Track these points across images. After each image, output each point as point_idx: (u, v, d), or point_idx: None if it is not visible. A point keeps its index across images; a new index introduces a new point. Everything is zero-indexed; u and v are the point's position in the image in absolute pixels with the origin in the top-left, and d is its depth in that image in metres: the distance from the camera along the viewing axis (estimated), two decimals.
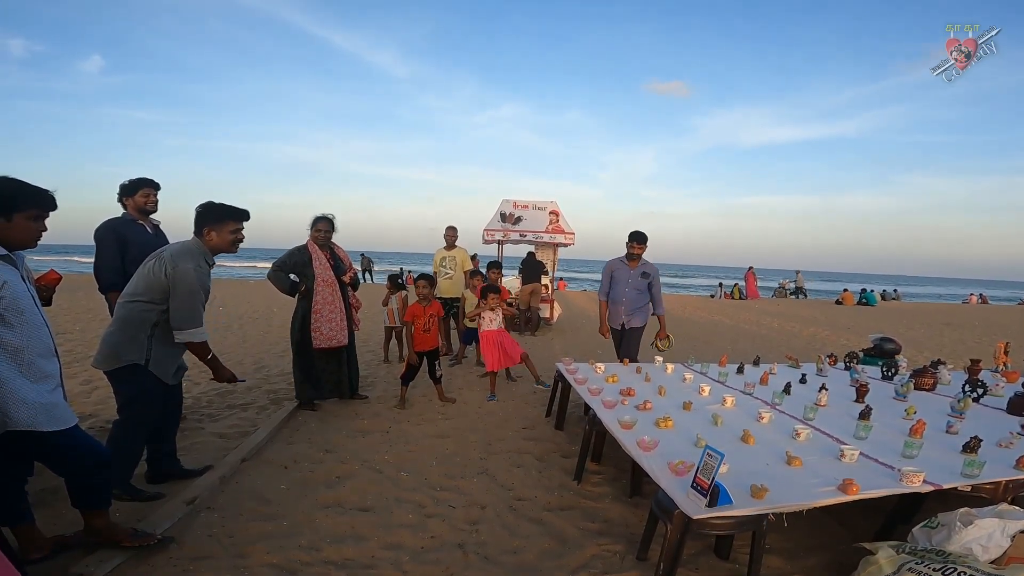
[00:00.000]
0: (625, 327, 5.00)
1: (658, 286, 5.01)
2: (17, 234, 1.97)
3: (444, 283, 6.76)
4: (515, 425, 4.39)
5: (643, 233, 4.89)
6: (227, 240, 2.86)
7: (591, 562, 2.48)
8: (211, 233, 2.82)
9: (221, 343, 7.49)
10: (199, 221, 2.83)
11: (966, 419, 3.11)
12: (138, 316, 2.69)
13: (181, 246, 2.79)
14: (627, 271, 4.95)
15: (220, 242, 2.85)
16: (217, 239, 2.83)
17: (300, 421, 4.29)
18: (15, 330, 1.93)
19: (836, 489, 2.15)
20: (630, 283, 4.92)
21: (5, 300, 1.89)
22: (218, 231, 2.83)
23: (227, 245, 2.87)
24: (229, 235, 2.86)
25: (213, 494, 2.96)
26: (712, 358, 4.78)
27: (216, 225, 2.82)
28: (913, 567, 1.88)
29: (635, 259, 4.92)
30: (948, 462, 2.43)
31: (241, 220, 2.91)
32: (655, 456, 2.48)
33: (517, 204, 10.29)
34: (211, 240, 2.83)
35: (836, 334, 11.31)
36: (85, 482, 2.23)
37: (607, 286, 5.05)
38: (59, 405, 2.07)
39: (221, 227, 2.83)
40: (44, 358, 2.05)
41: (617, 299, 4.98)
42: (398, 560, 2.44)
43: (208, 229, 2.82)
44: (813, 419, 3.08)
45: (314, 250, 4.39)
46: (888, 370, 4.31)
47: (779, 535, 2.60)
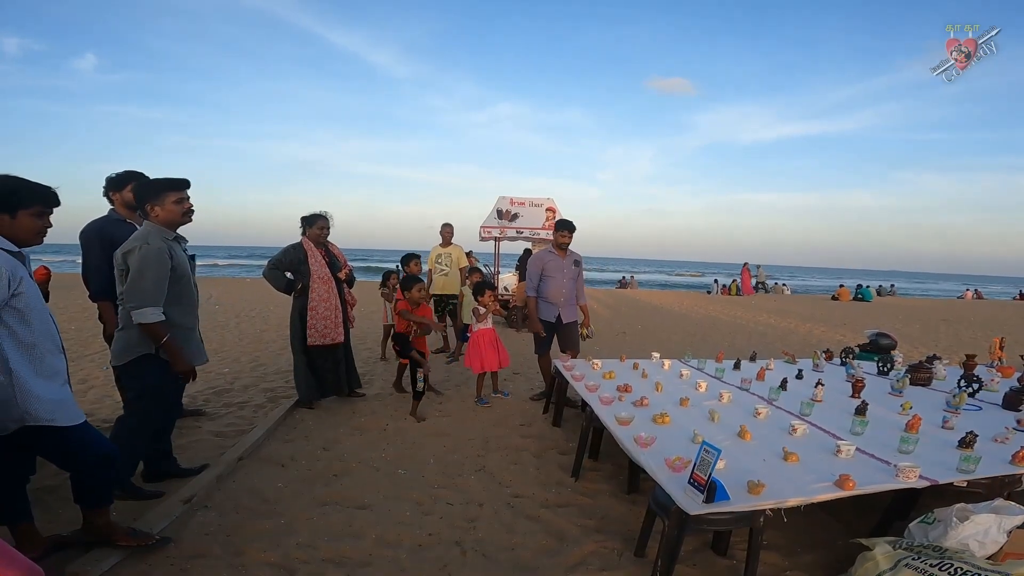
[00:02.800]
0: (561, 320, 4.83)
1: (583, 275, 5.00)
2: (22, 231, 2.02)
3: (440, 280, 6.76)
4: (512, 422, 4.39)
5: (571, 222, 4.87)
6: (174, 212, 2.72)
7: (589, 559, 2.49)
8: (155, 209, 2.70)
9: (218, 341, 7.47)
10: (138, 202, 2.73)
11: (961, 414, 3.12)
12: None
13: (141, 228, 2.73)
14: (559, 261, 4.79)
15: (168, 215, 2.71)
16: (163, 213, 2.71)
17: (297, 419, 4.29)
18: (30, 327, 1.98)
19: (832, 485, 2.15)
20: (564, 273, 4.79)
21: (23, 297, 1.94)
22: (161, 205, 2.70)
23: (177, 217, 2.74)
24: (173, 206, 2.72)
25: (210, 493, 2.95)
26: (709, 354, 4.77)
27: (156, 199, 2.69)
28: (910, 563, 1.88)
29: (564, 249, 4.83)
30: (944, 457, 2.44)
31: (181, 189, 2.76)
32: (652, 452, 2.48)
33: (514, 201, 10.29)
34: (158, 216, 2.71)
35: (832, 330, 11.34)
36: (91, 478, 2.24)
37: (537, 280, 4.79)
38: (70, 400, 2.12)
39: (162, 200, 2.70)
40: (53, 354, 2.09)
41: (554, 292, 4.77)
42: (396, 558, 2.44)
43: (151, 206, 2.70)
44: (809, 415, 3.08)
45: (309, 247, 4.38)
46: (884, 366, 4.32)
47: (776, 531, 2.61)
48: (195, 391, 4.93)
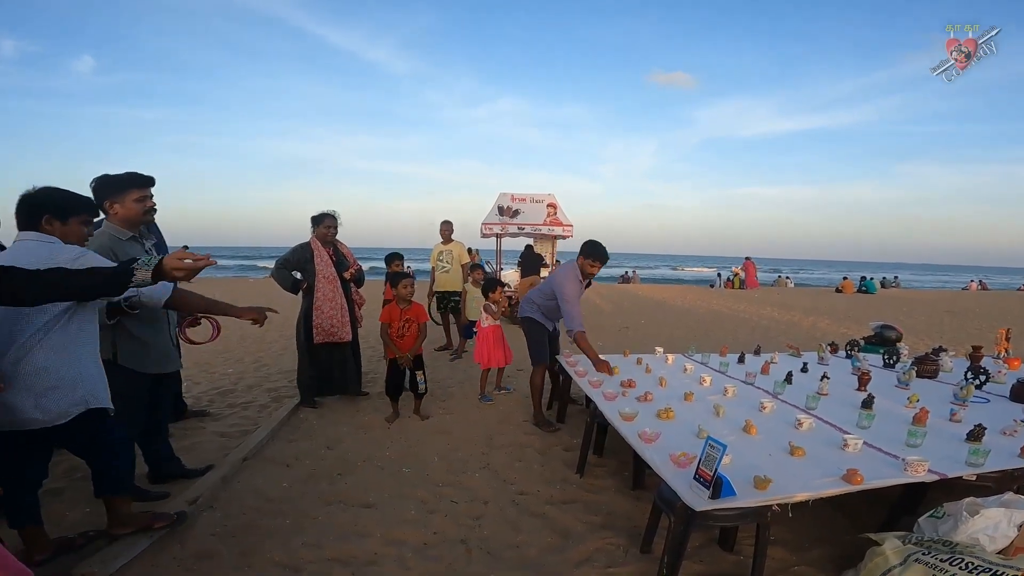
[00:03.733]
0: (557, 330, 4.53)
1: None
2: (71, 236, 2.19)
3: (442, 277, 6.75)
4: (516, 419, 4.38)
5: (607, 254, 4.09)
6: (134, 210, 2.64)
7: (594, 556, 2.48)
8: (114, 206, 2.62)
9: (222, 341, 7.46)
10: (97, 197, 2.61)
11: (969, 407, 3.09)
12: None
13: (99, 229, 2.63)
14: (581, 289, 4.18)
15: (127, 213, 2.63)
16: (123, 211, 2.62)
17: (301, 418, 4.29)
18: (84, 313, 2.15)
19: (840, 479, 2.14)
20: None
21: None
22: (121, 202, 2.62)
23: (136, 215, 2.66)
24: (135, 204, 2.64)
25: (215, 493, 2.95)
26: (713, 348, 4.76)
27: (117, 196, 2.62)
28: (920, 558, 1.87)
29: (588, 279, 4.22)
30: (952, 451, 2.42)
31: (145, 187, 2.68)
32: (657, 448, 2.47)
33: (515, 197, 10.26)
34: (116, 213, 2.63)
35: (836, 323, 11.29)
36: (121, 461, 2.34)
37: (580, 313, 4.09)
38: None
39: (123, 197, 2.62)
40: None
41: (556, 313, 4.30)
42: (401, 556, 2.44)
43: (110, 202, 2.62)
44: (815, 408, 3.06)
45: (316, 246, 4.39)
46: (890, 358, 4.30)
47: (784, 527, 2.59)
48: (199, 392, 4.94)
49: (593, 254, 4.03)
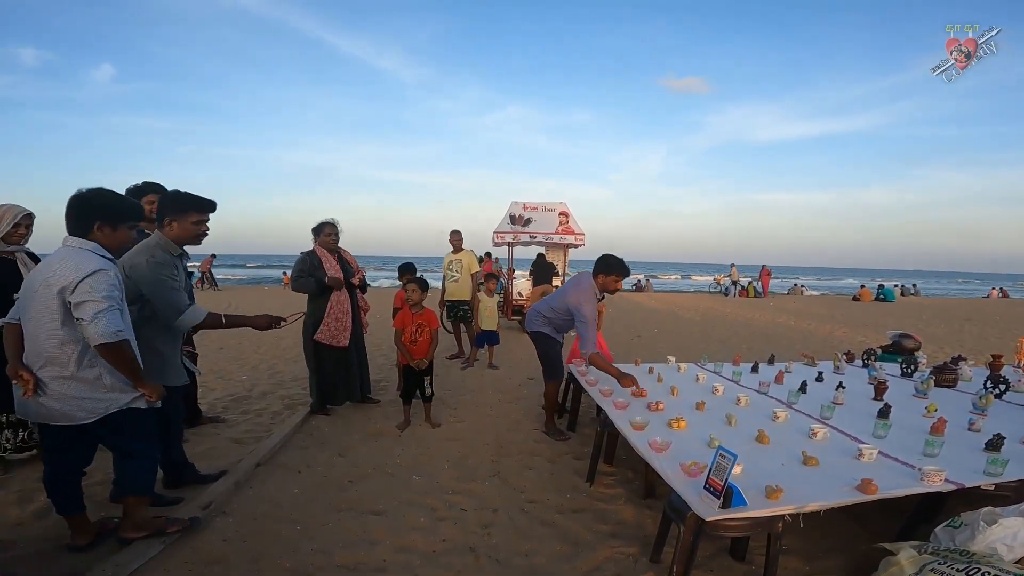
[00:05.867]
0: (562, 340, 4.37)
1: None
2: (120, 241, 2.28)
3: (451, 286, 6.78)
4: (527, 427, 4.37)
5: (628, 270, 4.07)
6: (190, 232, 2.72)
7: (604, 565, 2.46)
8: (172, 223, 2.69)
9: (236, 348, 7.57)
10: (160, 211, 2.71)
11: (988, 416, 3.03)
12: None
13: (147, 240, 2.72)
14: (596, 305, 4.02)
15: (182, 233, 2.71)
16: (179, 230, 2.70)
17: (313, 425, 4.31)
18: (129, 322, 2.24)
19: (854, 489, 2.10)
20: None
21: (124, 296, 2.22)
22: (180, 222, 2.69)
23: (190, 237, 2.74)
24: (192, 226, 2.71)
25: (228, 499, 2.98)
26: (726, 357, 4.71)
27: (178, 215, 2.68)
28: (936, 567, 1.83)
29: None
30: (970, 460, 2.37)
31: (205, 212, 2.76)
32: (667, 457, 2.45)
33: (527, 206, 10.28)
34: (172, 230, 2.69)
35: (853, 331, 11.14)
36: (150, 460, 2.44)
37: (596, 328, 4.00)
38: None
39: (183, 218, 2.69)
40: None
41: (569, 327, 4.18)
42: (409, 564, 2.43)
43: (170, 219, 2.69)
44: (830, 418, 3.02)
45: (323, 254, 4.43)
46: (907, 367, 4.23)
47: (796, 536, 2.55)
48: (214, 398, 4.99)
49: (617, 269, 3.93)
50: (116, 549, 2.38)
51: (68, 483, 2.38)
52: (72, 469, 2.38)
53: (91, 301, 2.00)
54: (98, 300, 2.01)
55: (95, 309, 2.00)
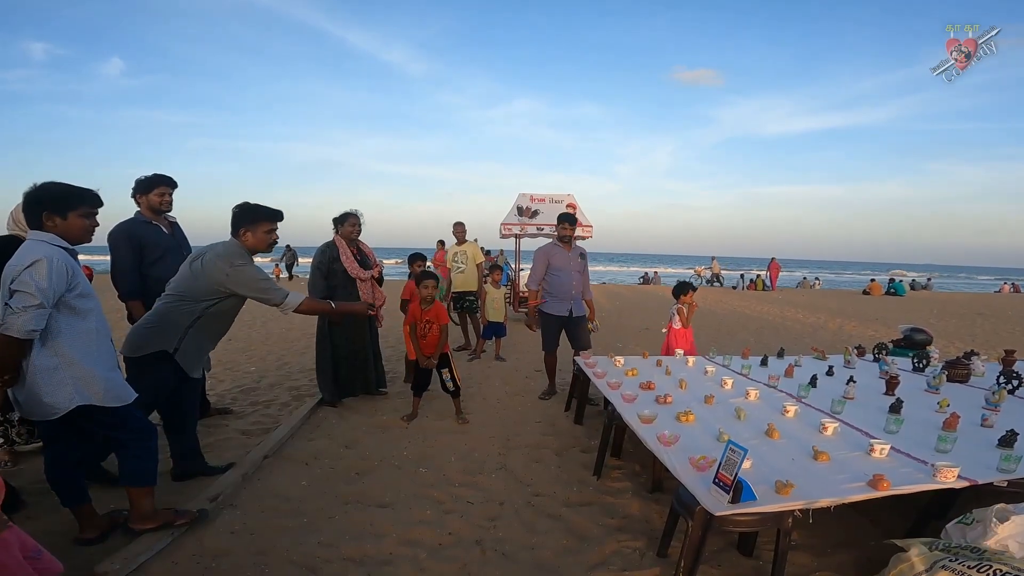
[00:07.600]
0: (573, 314, 4.78)
1: (588, 268, 5.02)
2: (74, 231, 2.22)
3: (458, 278, 6.78)
4: (534, 420, 4.36)
5: (573, 215, 4.99)
6: (263, 241, 2.92)
7: (610, 559, 2.45)
8: (247, 234, 2.87)
9: (245, 340, 7.61)
10: (236, 222, 2.89)
11: (1001, 412, 2.99)
12: (179, 313, 2.78)
13: (226, 246, 2.85)
14: (565, 254, 4.79)
15: (256, 243, 2.90)
16: (253, 240, 2.89)
17: (321, 417, 4.33)
18: (85, 317, 2.19)
19: (866, 485, 2.08)
20: (572, 265, 4.78)
21: (79, 287, 2.16)
22: (254, 232, 2.88)
23: (263, 246, 2.94)
24: (264, 235, 2.91)
25: (236, 491, 2.99)
26: (735, 350, 4.68)
27: (252, 226, 2.88)
28: (947, 564, 1.80)
29: (568, 242, 4.83)
30: (983, 456, 2.34)
31: (275, 221, 2.96)
32: (676, 451, 2.43)
33: (534, 198, 10.24)
34: (247, 240, 2.88)
35: (864, 325, 11.04)
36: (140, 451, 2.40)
37: (542, 273, 4.78)
38: (119, 382, 2.32)
39: (256, 228, 2.88)
40: (104, 342, 2.30)
41: (564, 285, 4.74)
42: (415, 557, 2.44)
43: (244, 230, 2.87)
44: (841, 412, 2.99)
45: (341, 245, 4.46)
46: (919, 362, 4.18)
47: (806, 531, 2.53)
48: (223, 390, 5.02)
49: (558, 219, 4.90)
50: (125, 542, 2.39)
51: (68, 475, 2.38)
52: (69, 460, 2.37)
53: (25, 293, 1.99)
54: (31, 294, 1.99)
55: (25, 302, 1.98)
